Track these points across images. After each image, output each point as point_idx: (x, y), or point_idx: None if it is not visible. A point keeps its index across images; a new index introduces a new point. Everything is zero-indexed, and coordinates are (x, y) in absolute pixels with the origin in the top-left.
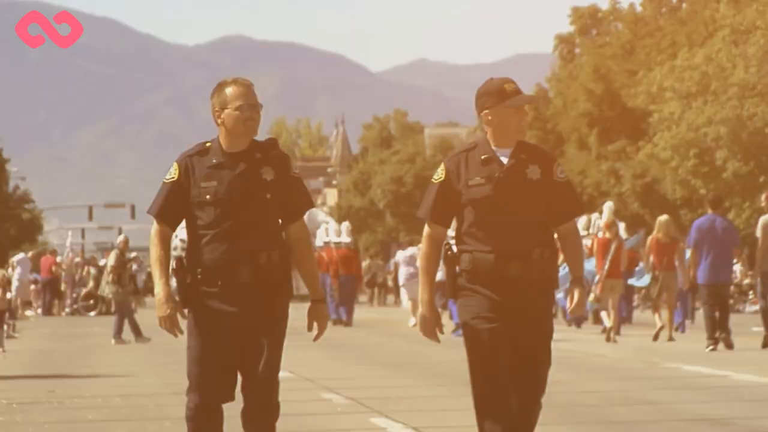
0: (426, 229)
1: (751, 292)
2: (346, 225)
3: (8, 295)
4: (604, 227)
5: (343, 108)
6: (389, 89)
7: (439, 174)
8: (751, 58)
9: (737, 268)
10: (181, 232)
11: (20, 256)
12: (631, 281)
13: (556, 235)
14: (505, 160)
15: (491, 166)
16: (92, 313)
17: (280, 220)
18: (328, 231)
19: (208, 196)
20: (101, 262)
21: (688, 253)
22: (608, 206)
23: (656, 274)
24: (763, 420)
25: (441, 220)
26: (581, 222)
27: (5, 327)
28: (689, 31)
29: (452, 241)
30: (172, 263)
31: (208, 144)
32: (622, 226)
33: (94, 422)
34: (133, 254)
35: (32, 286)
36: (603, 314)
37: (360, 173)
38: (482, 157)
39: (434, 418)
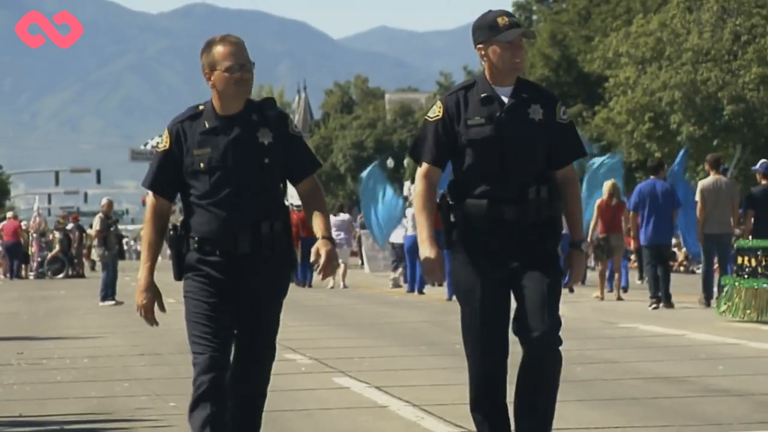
0: (421, 168)
1: None
2: None
3: None
4: None
5: (304, 74)
6: (350, 56)
7: (435, 111)
8: (705, 23)
9: None
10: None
11: None
12: None
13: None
14: (505, 99)
15: (491, 105)
16: (60, 276)
17: (282, 185)
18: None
19: (201, 164)
20: (68, 226)
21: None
22: None
23: (603, 236)
24: (718, 378)
25: (436, 160)
26: None
27: None
28: None
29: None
30: (169, 231)
31: (200, 107)
32: None
33: (63, 383)
34: None
35: None
36: None
37: (321, 138)
38: (482, 95)
39: (397, 378)
